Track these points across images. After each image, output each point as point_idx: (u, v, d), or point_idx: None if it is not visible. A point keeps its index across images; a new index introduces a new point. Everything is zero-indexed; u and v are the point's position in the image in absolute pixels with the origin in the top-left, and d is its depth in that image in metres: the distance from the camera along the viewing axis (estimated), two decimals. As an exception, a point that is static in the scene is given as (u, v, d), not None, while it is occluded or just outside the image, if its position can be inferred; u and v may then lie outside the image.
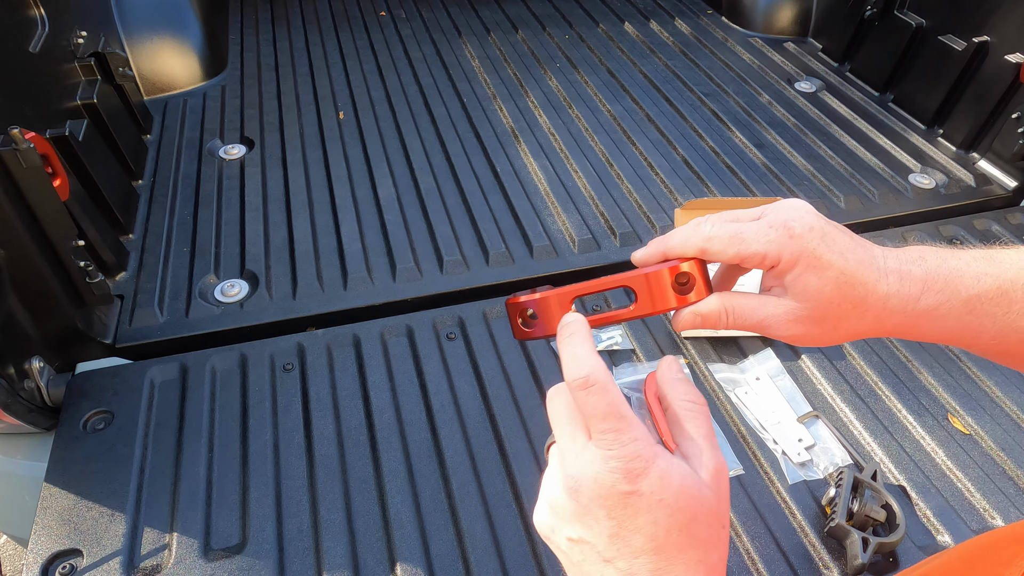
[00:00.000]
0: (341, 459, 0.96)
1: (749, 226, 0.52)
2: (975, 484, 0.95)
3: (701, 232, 0.53)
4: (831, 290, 0.50)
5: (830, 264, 0.50)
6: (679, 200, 1.42)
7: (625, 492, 0.45)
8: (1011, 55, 1.44)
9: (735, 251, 0.51)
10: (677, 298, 0.55)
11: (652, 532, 0.45)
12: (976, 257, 0.53)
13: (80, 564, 0.83)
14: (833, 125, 1.66)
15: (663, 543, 0.45)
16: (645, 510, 0.45)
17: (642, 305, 0.56)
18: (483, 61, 1.91)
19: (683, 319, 0.55)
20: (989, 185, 1.49)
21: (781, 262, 0.51)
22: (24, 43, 1.22)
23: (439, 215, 1.37)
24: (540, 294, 0.56)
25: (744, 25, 2.09)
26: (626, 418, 0.47)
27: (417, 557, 0.86)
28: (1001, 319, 0.52)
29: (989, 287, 0.52)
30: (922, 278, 0.51)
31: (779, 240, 0.50)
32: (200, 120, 1.63)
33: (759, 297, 0.54)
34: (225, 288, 1.20)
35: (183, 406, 1.02)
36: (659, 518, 0.45)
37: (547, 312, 0.56)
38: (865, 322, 0.52)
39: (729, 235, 0.52)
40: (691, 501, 0.45)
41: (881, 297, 0.51)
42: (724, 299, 0.54)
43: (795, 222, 0.51)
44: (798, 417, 1.02)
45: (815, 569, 0.86)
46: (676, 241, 0.54)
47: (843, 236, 0.52)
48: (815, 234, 0.50)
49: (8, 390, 0.93)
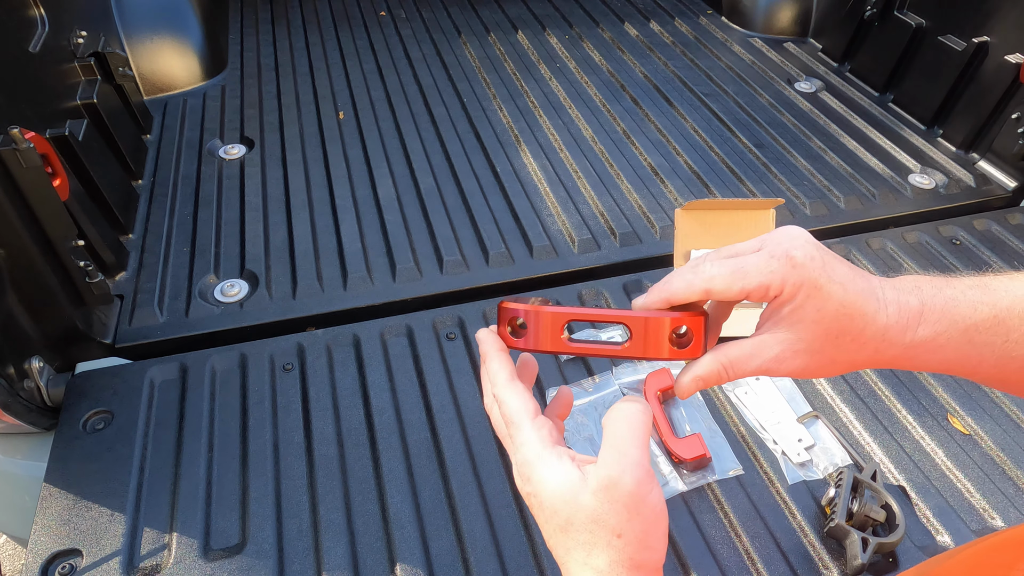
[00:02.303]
0: (341, 459, 0.96)
1: (750, 259, 0.51)
2: (975, 484, 0.95)
3: (702, 274, 0.51)
4: (829, 322, 0.50)
5: (830, 295, 0.49)
6: (679, 200, 1.42)
7: (525, 492, 0.52)
8: (1011, 55, 1.45)
9: (740, 287, 0.50)
10: (671, 350, 0.53)
11: (545, 530, 0.51)
12: (970, 285, 0.52)
13: (80, 564, 0.83)
14: (833, 125, 1.66)
15: (554, 541, 0.51)
16: (537, 509, 0.51)
17: (634, 347, 0.54)
18: (483, 61, 1.91)
19: (685, 388, 0.54)
20: (989, 185, 1.49)
21: (784, 292, 0.50)
22: (24, 43, 1.22)
23: (439, 215, 1.37)
24: (537, 308, 0.55)
25: (744, 25, 2.09)
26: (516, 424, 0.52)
27: (417, 557, 0.86)
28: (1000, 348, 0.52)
29: (986, 316, 0.51)
30: (919, 309, 0.51)
31: (782, 271, 0.49)
32: (200, 120, 1.63)
33: (753, 341, 0.53)
34: (225, 288, 1.20)
35: (183, 406, 1.02)
36: (544, 518, 0.51)
37: (539, 327, 0.55)
38: (863, 354, 0.51)
39: (731, 271, 0.50)
40: (564, 506, 0.49)
41: (880, 329, 0.50)
42: (719, 355, 0.53)
43: (796, 251, 0.50)
44: (798, 417, 1.02)
45: (815, 569, 0.86)
46: (678, 287, 0.52)
47: (842, 266, 0.51)
48: (816, 263, 0.50)
49: (8, 390, 0.93)
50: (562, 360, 1.09)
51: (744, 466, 0.96)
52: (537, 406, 0.54)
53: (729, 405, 1.04)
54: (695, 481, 0.94)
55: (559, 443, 0.53)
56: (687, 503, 0.92)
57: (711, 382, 0.54)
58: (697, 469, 0.95)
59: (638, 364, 1.09)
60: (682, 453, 0.94)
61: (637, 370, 1.08)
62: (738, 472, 0.95)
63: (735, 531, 0.89)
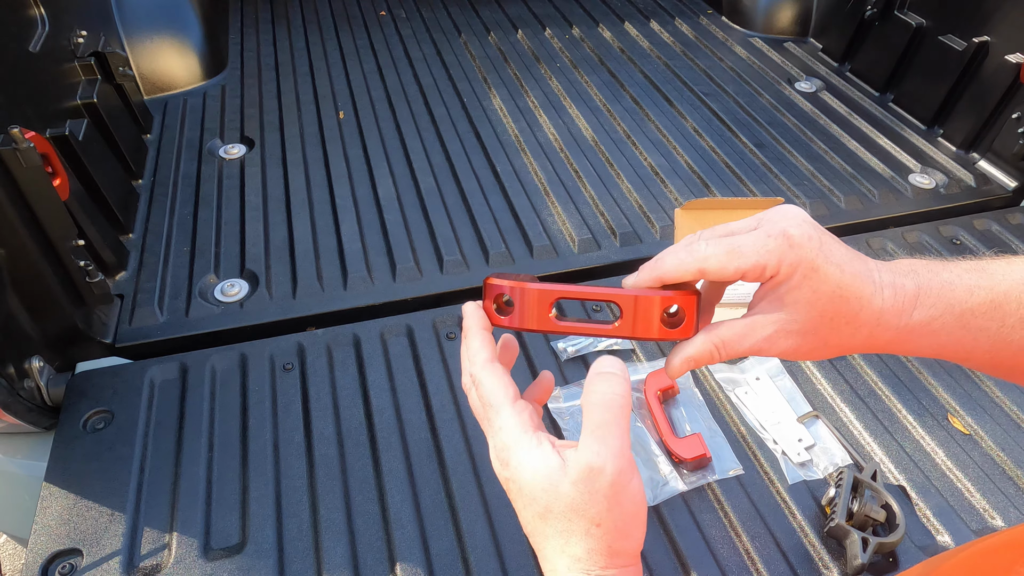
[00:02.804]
0: (341, 459, 0.96)
1: (746, 238, 0.49)
2: (975, 484, 0.95)
3: (696, 253, 0.50)
4: (825, 303, 0.49)
5: (827, 276, 0.48)
6: (679, 200, 1.42)
7: (503, 477, 0.51)
8: (1011, 55, 1.44)
9: (735, 267, 0.49)
10: (661, 329, 0.52)
11: (523, 516, 0.51)
12: (967, 269, 0.52)
13: (80, 564, 0.83)
14: (833, 125, 1.66)
15: (532, 528, 0.51)
16: (515, 495, 0.51)
17: (624, 326, 0.52)
18: (483, 61, 1.91)
19: (675, 367, 0.53)
20: (989, 185, 1.49)
21: (780, 272, 0.48)
22: (24, 43, 1.22)
23: (439, 215, 1.37)
24: (524, 284, 0.53)
25: (744, 25, 2.09)
26: (495, 407, 0.51)
27: (417, 557, 0.86)
28: (995, 333, 0.51)
29: (982, 300, 0.50)
30: (915, 292, 0.50)
31: (779, 249, 0.48)
32: (200, 120, 1.63)
33: (745, 321, 0.51)
34: (225, 288, 1.20)
35: (183, 406, 1.02)
36: (522, 504, 0.50)
37: (526, 305, 0.53)
38: (858, 337, 0.51)
39: (726, 251, 0.49)
40: (543, 493, 0.48)
41: (876, 312, 0.49)
42: (711, 335, 0.51)
43: (794, 230, 0.48)
44: (798, 417, 1.02)
45: (815, 569, 0.86)
46: (670, 265, 0.51)
47: (839, 247, 0.50)
48: (814, 243, 0.48)
49: (8, 390, 0.93)
50: (562, 360, 1.09)
51: (744, 466, 0.96)
52: (516, 390, 0.52)
53: (729, 405, 1.04)
54: (695, 481, 0.94)
55: (539, 428, 0.51)
56: (687, 503, 0.92)
57: (703, 362, 0.53)
58: (697, 469, 0.95)
59: (638, 364, 1.09)
60: (682, 453, 0.94)
61: (637, 369, 1.08)
62: (738, 472, 0.95)
63: (735, 531, 0.89)
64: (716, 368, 1.09)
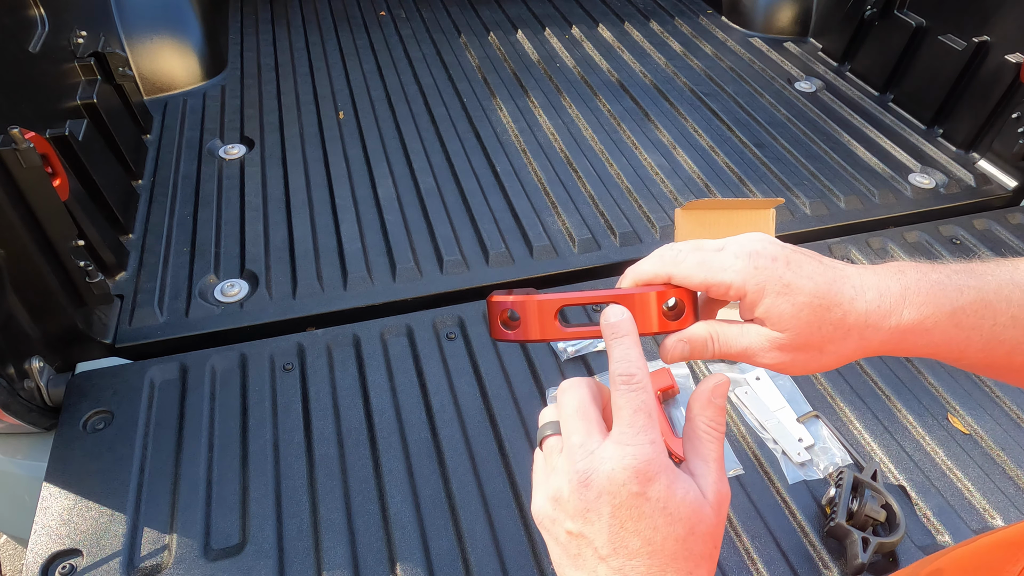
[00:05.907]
0: (341, 459, 0.96)
1: (714, 256, 0.51)
2: (975, 484, 0.95)
3: (668, 256, 0.53)
4: (807, 314, 0.50)
5: (800, 288, 0.49)
6: (679, 200, 1.42)
7: (634, 493, 0.46)
8: (1011, 55, 1.44)
9: (703, 276, 0.51)
10: (662, 322, 0.54)
11: (650, 537, 0.46)
12: (956, 270, 0.52)
13: (80, 564, 0.83)
14: (833, 125, 1.66)
15: (659, 549, 0.46)
16: (649, 515, 0.46)
17: None
18: (483, 61, 1.91)
19: (670, 347, 0.55)
20: (989, 185, 1.49)
21: (748, 293, 0.50)
22: (24, 43, 1.22)
23: (439, 215, 1.37)
24: (527, 297, 0.55)
25: (744, 25, 2.09)
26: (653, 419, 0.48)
27: (417, 557, 0.86)
28: (988, 332, 0.51)
29: (972, 299, 0.51)
30: (901, 292, 0.51)
31: (744, 270, 0.50)
32: (200, 120, 1.63)
33: (742, 326, 0.53)
34: (225, 288, 1.20)
35: (183, 406, 1.02)
36: (659, 524, 0.46)
37: (530, 317, 0.55)
38: (850, 343, 0.51)
39: (696, 261, 0.51)
40: (692, 515, 0.46)
41: (861, 315, 0.50)
42: (710, 325, 0.53)
43: (759, 252, 0.50)
44: (798, 417, 1.02)
45: (815, 569, 0.86)
46: (646, 267, 0.54)
47: (810, 261, 0.51)
48: (779, 263, 0.50)
49: (8, 390, 0.93)
50: (563, 360, 1.09)
51: (744, 466, 0.96)
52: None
53: (729, 405, 1.04)
54: (695, 481, 0.94)
55: None
56: (687, 503, 0.92)
57: (697, 347, 0.54)
58: (697, 469, 0.95)
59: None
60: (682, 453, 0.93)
61: (637, 370, 1.08)
62: (738, 472, 0.95)
63: (735, 531, 0.89)
64: (716, 368, 1.09)
